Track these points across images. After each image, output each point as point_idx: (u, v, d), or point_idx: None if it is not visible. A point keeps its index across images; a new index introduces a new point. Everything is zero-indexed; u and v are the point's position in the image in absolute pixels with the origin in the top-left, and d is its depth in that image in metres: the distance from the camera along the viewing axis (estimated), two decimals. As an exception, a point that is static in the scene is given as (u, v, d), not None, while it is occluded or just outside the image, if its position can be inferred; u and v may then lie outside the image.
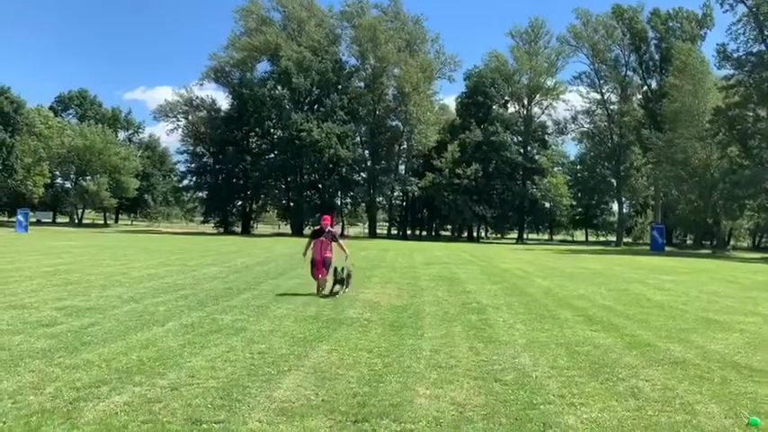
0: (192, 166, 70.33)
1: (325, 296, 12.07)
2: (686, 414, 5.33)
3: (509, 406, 5.39)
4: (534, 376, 6.46)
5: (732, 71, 50.51)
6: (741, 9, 49.51)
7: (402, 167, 71.59)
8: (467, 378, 6.30)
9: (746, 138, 48.68)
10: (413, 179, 66.74)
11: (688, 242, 75.21)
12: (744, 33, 49.30)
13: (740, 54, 49.37)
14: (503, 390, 5.90)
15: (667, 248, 54.04)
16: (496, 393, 5.77)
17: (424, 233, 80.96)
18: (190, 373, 6.14)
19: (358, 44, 66.93)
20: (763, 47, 48.04)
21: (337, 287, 12.43)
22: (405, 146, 69.57)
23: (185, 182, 73.53)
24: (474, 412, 5.19)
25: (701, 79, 53.90)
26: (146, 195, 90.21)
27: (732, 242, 71.39)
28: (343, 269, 12.48)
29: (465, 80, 75.14)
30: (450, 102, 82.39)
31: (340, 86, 66.70)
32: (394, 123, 69.76)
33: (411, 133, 66.25)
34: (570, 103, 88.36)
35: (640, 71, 71.63)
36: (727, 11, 50.64)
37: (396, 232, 75.81)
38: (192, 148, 70.23)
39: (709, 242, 63.23)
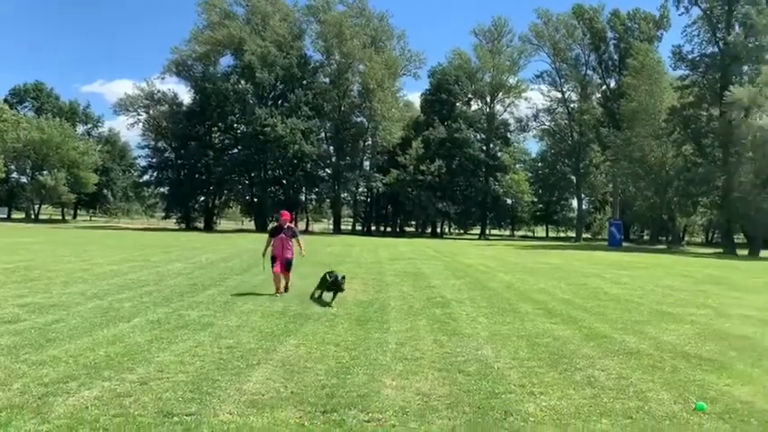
0: (153, 161, 69.10)
1: (326, 304, 10.79)
2: (639, 401, 5.61)
3: (472, 395, 5.60)
4: (496, 367, 6.70)
5: (687, 72, 52.03)
6: (696, 12, 51.08)
7: (367, 163, 71.68)
8: (431, 369, 6.50)
9: (700, 137, 50.19)
10: (377, 175, 66.84)
11: (645, 238, 77.22)
12: (698, 35, 50.83)
13: (694, 55, 50.88)
14: (466, 380, 6.11)
15: (625, 244, 55.43)
16: (460, 384, 5.98)
17: (389, 229, 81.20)
18: (159, 367, 6.20)
19: (323, 40, 66.65)
20: (716, 49, 49.57)
21: (322, 293, 11.37)
22: (369, 142, 69.66)
23: (146, 177, 72.09)
24: (439, 401, 5.38)
25: (658, 79, 55.28)
26: (105, 191, 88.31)
27: (686, 238, 73.51)
28: (343, 276, 11.21)
29: (429, 77, 75.63)
30: (415, 98, 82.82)
31: (305, 82, 66.34)
32: (359, 119, 69.76)
33: (376, 129, 66.30)
34: (532, 101, 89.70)
35: (600, 70, 72.99)
36: (682, 13, 52.23)
37: (360, 228, 75.91)
38: (153, 142, 69.00)
39: (664, 238, 65.00)
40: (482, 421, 4.93)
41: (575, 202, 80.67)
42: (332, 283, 11.07)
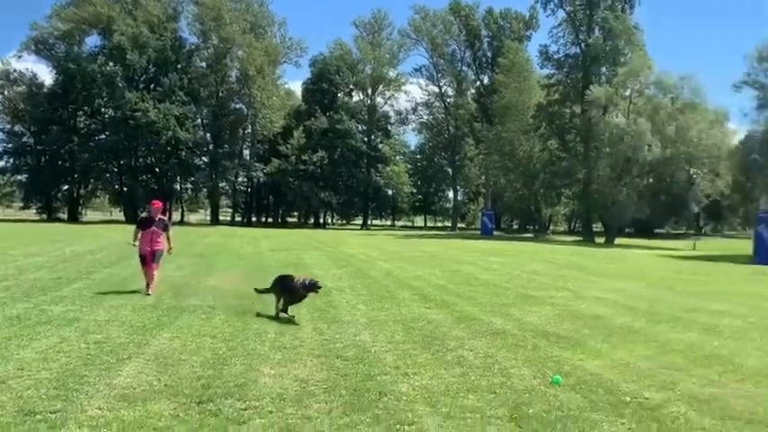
0: (9, 146, 63.12)
1: (290, 318, 8.89)
2: (503, 377, 6.07)
3: (349, 379, 5.79)
4: (373, 351, 6.94)
5: (553, 71, 55.72)
6: (561, 14, 54.84)
7: (246, 152, 69.97)
8: (310, 356, 6.61)
9: (564, 133, 53.98)
10: (258, 164, 65.51)
11: (514, 227, 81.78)
12: (563, 37, 54.64)
13: (560, 56, 54.64)
14: (344, 365, 6.29)
15: (496, 233, 58.46)
16: (338, 368, 6.15)
17: (270, 220, 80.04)
18: (18, 365, 5.82)
19: (200, 22, 63.94)
20: (578, 50, 53.40)
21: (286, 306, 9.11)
22: (249, 130, 67.94)
23: (1, 164, 66.01)
24: (316, 386, 5.51)
25: (527, 77, 58.74)
26: (-49, 178, 79.77)
27: (551, 227, 78.80)
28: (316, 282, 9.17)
29: (310, 66, 74.90)
30: (296, 87, 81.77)
31: (179, 65, 63.40)
32: (238, 106, 67.81)
33: (255, 117, 64.87)
34: (411, 95, 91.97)
35: (474, 67, 76.08)
36: (549, 15, 55.91)
37: (240, 219, 74.17)
38: (8, 126, 63.12)
39: (532, 227, 69.27)
40: (358, 403, 5.11)
41: (451, 194, 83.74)
42: (308, 288, 9.01)
